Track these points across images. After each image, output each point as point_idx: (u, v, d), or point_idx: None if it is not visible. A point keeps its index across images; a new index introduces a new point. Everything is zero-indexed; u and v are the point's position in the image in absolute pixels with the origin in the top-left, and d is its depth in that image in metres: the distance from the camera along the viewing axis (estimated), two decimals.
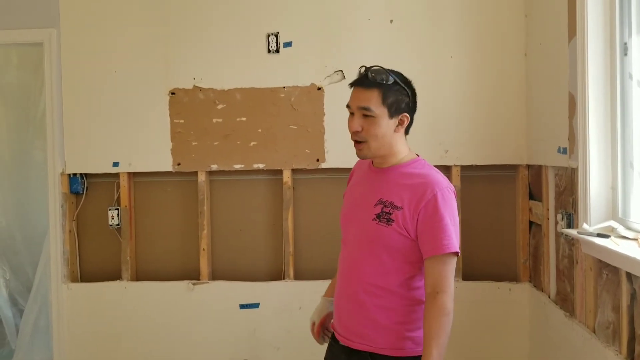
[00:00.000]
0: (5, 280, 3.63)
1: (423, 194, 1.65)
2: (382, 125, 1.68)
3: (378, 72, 1.69)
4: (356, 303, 1.73)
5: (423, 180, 1.69)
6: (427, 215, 1.64)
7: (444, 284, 1.62)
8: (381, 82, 1.68)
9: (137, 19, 3.01)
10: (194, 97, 3.00)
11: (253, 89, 2.97)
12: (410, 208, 1.65)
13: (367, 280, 1.71)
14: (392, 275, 1.70)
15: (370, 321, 1.70)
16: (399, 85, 1.70)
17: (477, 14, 2.86)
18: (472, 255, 2.95)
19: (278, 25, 2.95)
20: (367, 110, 1.68)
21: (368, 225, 1.71)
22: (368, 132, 1.69)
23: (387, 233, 1.67)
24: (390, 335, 1.69)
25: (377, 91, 1.68)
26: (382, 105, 1.68)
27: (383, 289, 1.69)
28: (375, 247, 1.70)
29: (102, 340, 3.04)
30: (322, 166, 2.95)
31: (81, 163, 3.06)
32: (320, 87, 2.94)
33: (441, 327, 1.61)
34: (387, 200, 1.69)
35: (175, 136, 3.01)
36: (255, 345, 2.99)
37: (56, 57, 3.03)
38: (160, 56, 3.01)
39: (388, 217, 1.67)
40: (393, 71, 1.73)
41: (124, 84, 3.02)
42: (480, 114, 2.86)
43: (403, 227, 1.65)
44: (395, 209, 1.67)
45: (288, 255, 2.98)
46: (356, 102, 1.70)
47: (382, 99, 1.68)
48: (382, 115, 1.68)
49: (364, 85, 1.69)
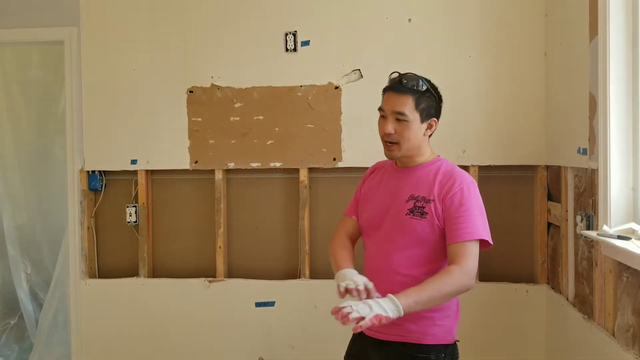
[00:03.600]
0: (27, 274, 3.69)
1: (451, 186, 1.77)
2: (414, 129, 1.79)
3: (411, 79, 1.80)
4: (385, 293, 1.73)
5: (450, 175, 1.80)
6: (454, 205, 1.74)
7: (462, 261, 1.68)
8: (415, 89, 1.79)
9: (156, 18, 3.04)
10: (211, 96, 3.02)
11: (270, 87, 2.98)
12: (439, 200, 1.77)
13: (401, 271, 1.79)
14: (425, 266, 1.78)
15: None
16: (430, 92, 1.82)
17: (496, 13, 2.84)
18: (489, 256, 2.91)
19: (296, 24, 2.96)
20: (401, 115, 1.78)
21: (402, 220, 1.80)
22: (401, 135, 1.79)
23: (421, 225, 1.77)
24: (422, 324, 1.77)
25: (411, 97, 1.78)
26: (415, 111, 1.79)
27: (416, 278, 1.74)
28: (408, 240, 1.79)
29: (118, 336, 3.08)
30: (339, 165, 2.95)
31: (100, 160, 3.10)
32: (338, 86, 2.94)
33: (437, 289, 1.64)
34: (418, 195, 1.80)
35: (193, 134, 3.03)
36: (270, 343, 3.00)
37: (76, 55, 3.07)
38: (178, 54, 3.03)
39: (422, 211, 1.78)
40: (424, 78, 1.83)
41: (142, 82, 3.05)
42: (499, 113, 2.84)
43: (436, 217, 1.76)
44: (427, 202, 1.78)
45: (304, 254, 2.98)
46: (391, 106, 1.80)
47: (415, 104, 1.78)
48: (414, 120, 1.79)
49: (399, 91, 1.79)
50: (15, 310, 3.71)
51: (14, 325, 3.72)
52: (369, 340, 1.83)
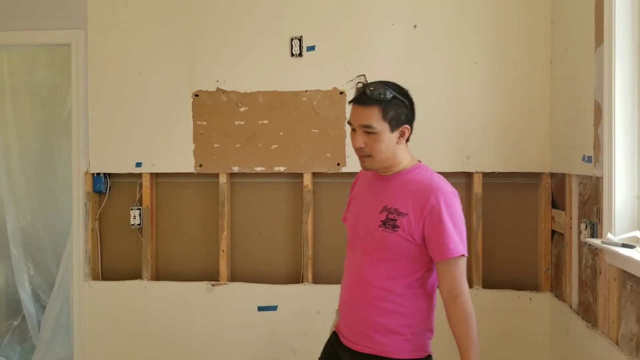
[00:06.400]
0: (30, 276, 3.69)
1: (427, 199, 1.69)
2: (384, 140, 1.72)
3: (376, 88, 1.71)
4: (362, 306, 1.78)
5: (426, 186, 1.73)
6: (433, 221, 1.68)
7: (459, 286, 1.67)
8: (380, 98, 1.70)
9: (162, 22, 3.06)
10: (217, 100, 3.03)
11: (275, 92, 2.99)
12: (415, 214, 1.70)
13: (374, 284, 1.75)
14: (398, 279, 1.74)
15: (375, 324, 1.74)
16: (397, 98, 1.72)
17: (502, 21, 2.84)
18: (493, 263, 2.92)
19: (302, 30, 2.97)
20: (369, 128, 1.71)
21: (374, 232, 1.75)
22: (372, 147, 1.73)
23: (392, 239, 1.71)
24: (394, 339, 1.73)
25: (377, 107, 1.70)
26: (383, 121, 1.70)
27: (389, 291, 1.73)
28: (381, 253, 1.74)
29: (121, 338, 3.08)
30: (343, 170, 2.95)
31: (105, 163, 3.11)
32: (343, 91, 2.95)
33: (471, 329, 1.66)
34: (392, 207, 1.74)
35: (198, 138, 3.04)
36: (272, 347, 2.99)
37: (83, 58, 3.09)
38: (184, 58, 3.04)
39: (393, 224, 1.71)
40: (390, 84, 1.75)
41: (148, 85, 3.06)
42: (504, 120, 2.84)
43: (408, 233, 1.70)
44: (400, 215, 1.71)
45: (307, 258, 2.98)
46: (357, 119, 1.73)
47: (382, 114, 1.70)
48: (384, 131, 1.71)
49: (364, 103, 1.71)
50: (18, 311, 3.71)
51: (17, 327, 3.72)
52: (342, 347, 1.81)
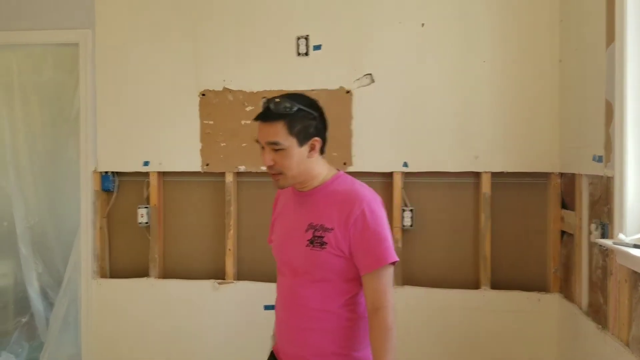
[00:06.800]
0: (38, 274, 3.71)
1: (350, 211, 1.63)
2: (293, 156, 1.65)
3: (279, 103, 1.63)
4: (298, 331, 1.72)
5: (348, 197, 1.67)
6: (357, 232, 1.62)
7: (381, 298, 1.61)
8: (284, 112, 1.63)
9: (169, 22, 3.06)
10: (223, 99, 3.03)
11: (281, 91, 2.96)
12: (340, 227, 1.64)
13: (308, 305, 1.69)
14: (333, 298, 1.68)
15: (315, 348, 1.69)
16: (304, 110, 1.65)
17: (511, 19, 2.81)
18: (501, 264, 2.90)
19: (308, 29, 2.96)
20: (275, 145, 1.64)
21: (302, 252, 1.68)
22: (282, 164, 1.66)
23: (322, 257, 1.65)
24: (336, 359, 1.68)
25: (282, 123, 1.63)
26: (290, 136, 1.63)
27: (324, 312, 1.68)
28: (313, 273, 1.68)
29: (128, 335, 3.09)
30: (350, 170, 2.93)
31: (113, 161, 3.11)
32: (349, 91, 2.93)
33: (387, 343, 1.59)
34: (317, 224, 1.67)
35: (205, 137, 3.04)
36: None
37: (91, 57, 3.10)
38: (191, 58, 3.04)
39: (321, 241, 1.65)
40: (295, 96, 1.70)
41: (155, 84, 3.07)
42: (513, 120, 2.82)
43: (337, 247, 1.64)
44: (326, 231, 1.65)
45: None
46: (263, 137, 1.66)
47: (288, 129, 1.63)
48: (291, 146, 1.64)
49: (268, 119, 1.64)
50: (27, 308, 3.73)
51: (25, 324, 3.75)
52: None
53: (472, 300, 2.82)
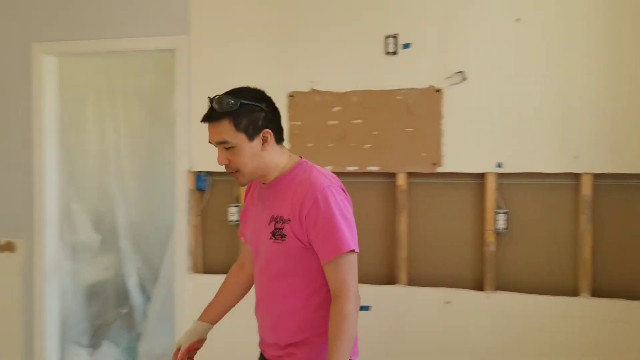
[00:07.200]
0: (137, 268, 3.93)
1: (303, 201, 1.64)
2: (245, 151, 1.65)
3: (221, 101, 1.63)
4: (271, 319, 1.79)
5: (301, 186, 1.67)
6: (312, 222, 1.63)
7: (340, 287, 1.63)
8: (228, 110, 1.63)
9: (260, 26, 3.13)
10: (311, 100, 3.06)
11: (369, 91, 2.97)
12: (295, 218, 1.65)
13: (279, 300, 1.74)
14: (303, 289, 1.71)
15: (289, 339, 1.74)
16: (248, 104, 1.65)
17: (615, 11, 2.63)
18: (602, 271, 2.72)
19: (397, 27, 2.92)
20: (225, 143, 1.65)
21: (267, 245, 1.72)
22: (236, 162, 1.67)
23: (284, 249, 1.68)
24: (311, 347, 1.73)
25: (227, 120, 1.64)
26: (238, 132, 1.64)
27: (298, 306, 1.72)
28: (279, 265, 1.71)
29: (218, 327, 3.17)
30: (439, 170, 2.87)
31: (206, 161, 3.23)
32: (439, 89, 2.87)
33: (340, 331, 1.60)
34: (277, 216, 1.69)
35: (293, 138, 3.09)
36: (364, 347, 2.96)
37: (186, 62, 3.23)
38: (279, 60, 3.10)
39: (281, 233, 1.67)
40: (238, 91, 1.68)
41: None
42: (617, 118, 2.64)
43: (296, 238, 1.66)
44: (285, 222, 1.67)
45: (401, 260, 2.93)
46: (213, 137, 1.69)
47: (234, 126, 1.64)
48: (241, 142, 1.65)
49: (213, 119, 1.66)
50: (126, 300, 3.96)
51: (125, 315, 3.98)
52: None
53: (569, 308, 2.66)
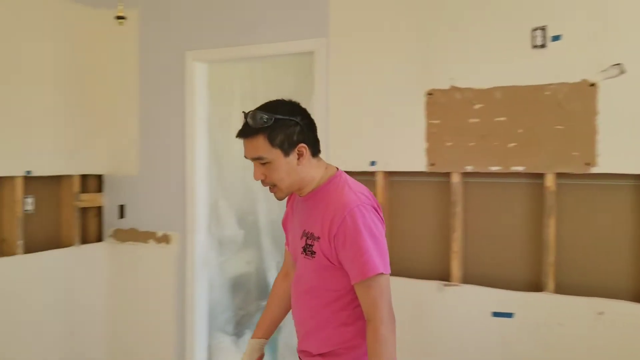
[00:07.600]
0: (276, 263, 4.12)
1: (332, 220, 1.61)
2: (282, 167, 1.64)
3: (255, 117, 1.61)
4: (303, 328, 1.80)
5: (333, 205, 1.64)
6: (340, 243, 1.60)
7: (372, 309, 1.61)
8: (262, 126, 1.60)
9: (396, 24, 3.12)
10: (450, 98, 2.98)
11: (514, 87, 2.82)
12: (324, 237, 1.63)
13: (310, 311, 1.74)
14: (333, 303, 1.70)
15: (315, 346, 1.75)
16: (282, 119, 1.63)
17: None
18: None
19: (545, 19, 2.75)
20: (260, 160, 1.64)
21: (300, 258, 1.74)
22: (272, 178, 1.66)
23: (314, 265, 1.68)
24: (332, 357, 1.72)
25: (262, 136, 1.62)
26: (273, 148, 1.62)
27: (326, 319, 1.71)
28: (310, 280, 1.72)
29: None
30: (593, 171, 2.65)
31: (343, 161, 3.26)
32: (594, 83, 2.64)
33: (377, 356, 1.58)
34: (309, 232, 1.69)
35: (430, 137, 3.03)
36: (506, 356, 2.83)
37: (325, 63, 3.32)
38: (417, 58, 3.06)
39: (311, 250, 1.66)
40: (272, 105, 1.67)
41: (383, 86, 3.16)
42: None
43: (324, 257, 1.64)
44: (315, 240, 1.66)
45: (548, 265, 2.75)
46: (248, 153, 1.67)
47: (269, 142, 1.62)
48: (277, 158, 1.63)
49: (248, 135, 1.64)
50: (266, 294, 4.17)
51: (264, 307, 4.19)
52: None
53: None
